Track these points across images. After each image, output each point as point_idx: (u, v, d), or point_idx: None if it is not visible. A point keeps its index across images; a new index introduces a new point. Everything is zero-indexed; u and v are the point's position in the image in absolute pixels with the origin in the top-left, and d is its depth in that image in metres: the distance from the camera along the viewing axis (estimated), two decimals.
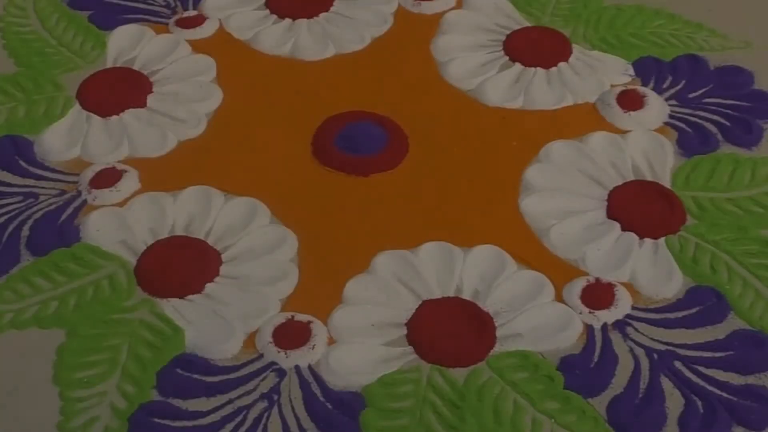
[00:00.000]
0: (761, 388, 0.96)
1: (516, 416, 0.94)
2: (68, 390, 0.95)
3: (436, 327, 1.00)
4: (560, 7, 1.36)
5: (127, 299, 1.03)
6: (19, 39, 1.31)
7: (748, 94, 1.24)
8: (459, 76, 1.27)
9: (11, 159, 1.16)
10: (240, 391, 0.96)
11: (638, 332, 1.01)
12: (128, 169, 1.15)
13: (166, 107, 1.23)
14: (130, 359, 0.98)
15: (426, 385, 0.96)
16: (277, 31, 1.33)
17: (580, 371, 0.97)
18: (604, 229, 1.09)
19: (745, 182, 1.14)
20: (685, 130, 1.20)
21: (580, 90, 1.25)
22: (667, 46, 1.30)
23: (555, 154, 1.17)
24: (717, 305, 1.03)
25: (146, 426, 0.93)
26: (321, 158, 1.17)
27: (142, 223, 1.10)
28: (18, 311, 1.02)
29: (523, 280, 1.05)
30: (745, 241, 1.08)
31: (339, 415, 0.94)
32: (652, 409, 0.94)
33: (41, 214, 1.11)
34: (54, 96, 1.24)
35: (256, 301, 1.02)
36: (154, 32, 1.33)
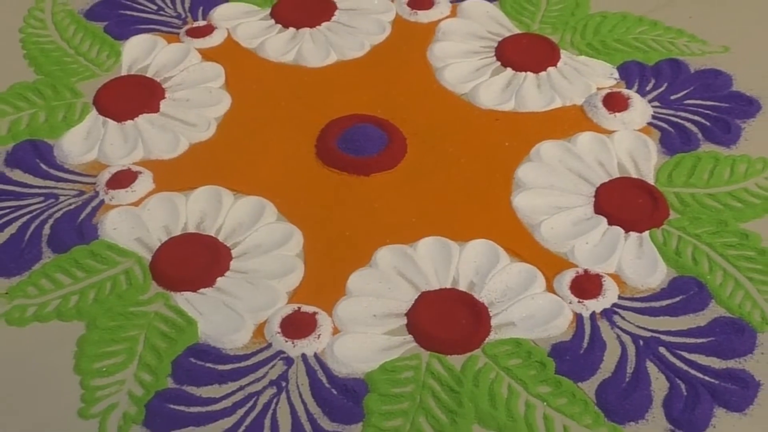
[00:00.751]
0: (741, 372, 0.96)
1: (510, 400, 0.94)
2: (88, 379, 0.96)
3: (434, 317, 1.00)
4: (549, 15, 1.36)
5: (143, 293, 1.03)
6: (38, 49, 1.31)
7: (726, 96, 1.24)
8: (454, 80, 1.27)
9: (32, 162, 1.16)
10: (250, 379, 0.96)
11: (625, 320, 1.01)
12: (143, 170, 1.15)
13: (178, 112, 1.23)
14: (147, 349, 0.98)
15: (425, 371, 0.97)
16: (282, 40, 1.33)
17: (570, 357, 0.98)
18: (592, 224, 1.10)
19: (725, 179, 1.14)
20: (668, 130, 1.20)
21: (568, 93, 1.25)
22: (649, 51, 1.30)
23: (545, 153, 1.17)
24: (699, 294, 1.03)
25: (162, 412, 0.93)
26: (324, 159, 1.17)
27: (156, 221, 1.10)
28: (40, 305, 1.02)
29: (515, 272, 1.05)
30: (725, 234, 1.08)
31: (343, 400, 0.94)
32: (638, 392, 0.95)
33: (61, 213, 1.11)
34: (72, 102, 1.24)
35: (264, 294, 1.03)
36: (166, 41, 1.33)
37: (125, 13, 1.37)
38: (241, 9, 1.38)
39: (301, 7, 1.37)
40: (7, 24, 1.34)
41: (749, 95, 1.24)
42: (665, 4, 1.37)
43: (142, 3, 1.38)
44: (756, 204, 1.11)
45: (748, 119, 1.21)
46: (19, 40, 1.32)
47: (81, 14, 1.37)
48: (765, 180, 1.14)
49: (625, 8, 1.36)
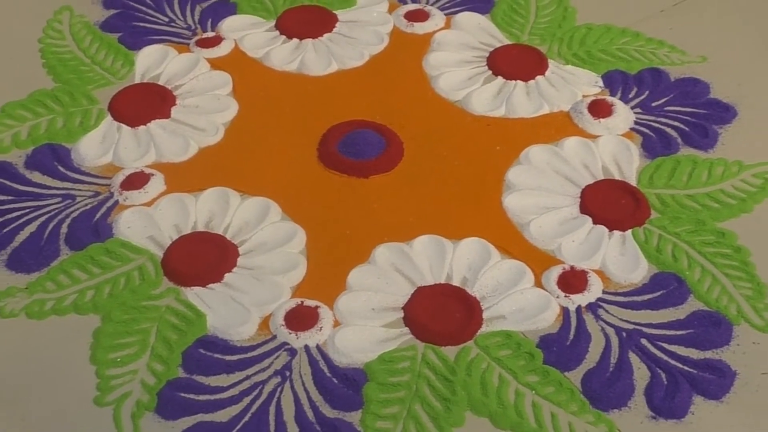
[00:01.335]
0: (718, 362, 0.96)
1: (501, 388, 0.94)
2: (104, 368, 0.96)
3: (429, 310, 1.00)
4: (537, 27, 1.36)
5: (155, 288, 1.03)
6: (56, 58, 1.31)
7: (704, 103, 1.24)
8: (448, 88, 1.27)
9: (51, 165, 1.16)
10: (256, 369, 0.96)
11: (608, 313, 1.01)
12: (155, 172, 1.15)
13: (188, 118, 1.23)
14: (159, 341, 0.98)
15: (421, 361, 0.97)
16: (286, 50, 1.33)
17: (558, 348, 0.98)
18: (578, 223, 1.10)
19: (703, 180, 1.14)
20: (649, 135, 1.20)
21: (555, 100, 1.25)
22: (632, 60, 1.30)
23: (534, 156, 1.17)
24: (678, 289, 1.03)
25: (173, 400, 0.93)
26: (326, 162, 1.17)
27: (167, 220, 1.10)
28: (58, 299, 1.02)
29: (506, 269, 1.05)
30: (703, 233, 1.08)
31: (344, 388, 0.94)
32: (621, 381, 0.95)
33: (78, 213, 1.11)
34: (88, 109, 1.24)
35: (269, 289, 1.03)
36: (176, 51, 1.32)
37: (138, 25, 1.37)
38: (247, 21, 1.38)
39: (304, 19, 1.37)
40: (27, 34, 1.34)
41: (726, 102, 1.24)
42: (647, 17, 1.37)
43: (154, 15, 1.38)
44: (732, 204, 1.11)
45: (724, 125, 1.21)
46: (39, 50, 1.32)
47: (97, 26, 1.36)
48: (740, 182, 1.14)
49: (608, 20, 1.36)
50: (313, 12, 1.38)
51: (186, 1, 1.40)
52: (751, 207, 1.11)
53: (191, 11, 1.39)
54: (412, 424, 0.92)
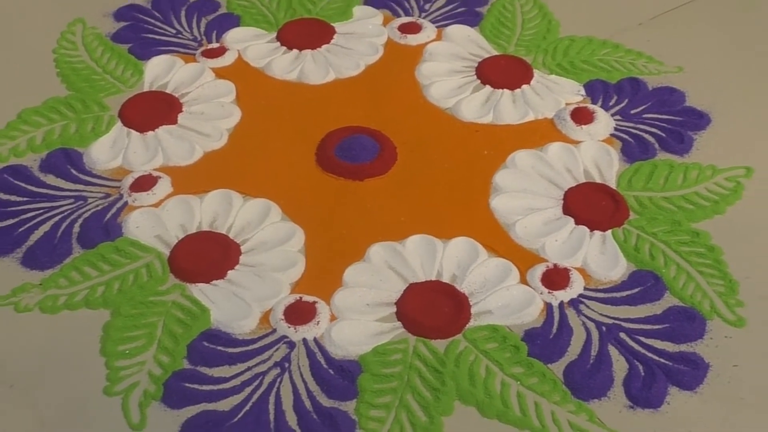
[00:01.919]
0: (692, 354, 0.96)
1: (488, 379, 0.94)
2: (113, 360, 0.96)
3: (420, 306, 1.00)
4: (523, 39, 1.36)
5: (161, 284, 1.03)
6: (70, 68, 1.31)
7: (680, 111, 1.24)
8: (439, 96, 1.27)
9: (64, 168, 1.16)
10: (257, 360, 0.96)
11: (589, 309, 1.01)
12: (162, 175, 1.15)
13: (194, 124, 1.23)
14: (165, 334, 0.98)
15: (412, 354, 0.97)
16: (286, 60, 1.33)
17: (541, 341, 0.98)
18: (561, 224, 1.10)
19: (678, 183, 1.14)
20: (628, 141, 1.20)
21: (540, 107, 1.25)
22: (612, 70, 1.30)
23: (519, 161, 1.17)
24: (655, 286, 1.03)
25: (179, 390, 0.93)
26: (323, 166, 1.17)
27: (174, 220, 1.10)
28: (70, 295, 1.02)
29: (493, 266, 1.05)
30: (679, 233, 1.08)
31: (340, 379, 0.94)
32: (601, 373, 0.95)
33: (89, 213, 1.10)
34: (99, 115, 1.24)
35: (269, 285, 1.03)
36: (183, 61, 1.32)
37: (147, 36, 1.36)
38: (250, 33, 1.37)
39: (303, 31, 1.37)
40: (41, 45, 1.34)
41: (700, 110, 1.24)
42: (626, 29, 1.37)
43: (162, 27, 1.38)
44: (706, 206, 1.11)
45: (699, 131, 1.21)
46: (53, 59, 1.32)
47: (108, 37, 1.36)
48: (714, 185, 1.14)
49: (590, 33, 1.36)
50: (312, 24, 1.38)
51: (192, 14, 1.40)
52: (724, 209, 1.11)
53: (197, 23, 1.39)
54: (403, 413, 0.91)
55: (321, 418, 0.91)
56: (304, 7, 1.41)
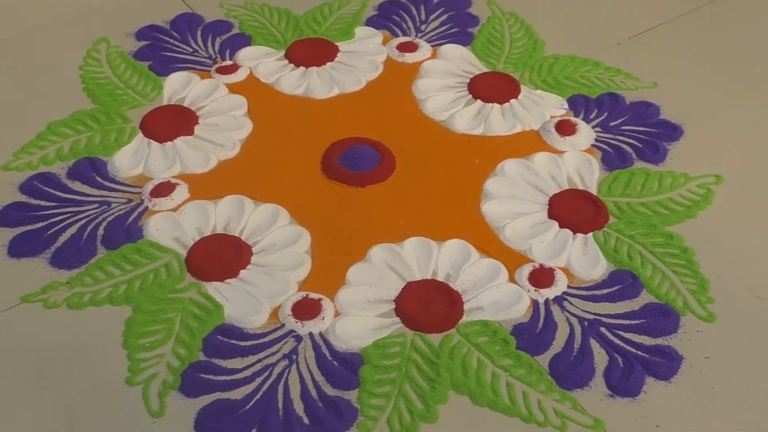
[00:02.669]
0: (667, 348, 0.96)
1: (479, 370, 0.94)
2: (134, 353, 0.95)
3: (417, 302, 1.00)
4: (511, 57, 1.36)
5: (179, 282, 1.03)
6: (95, 83, 1.30)
7: (655, 123, 1.24)
8: (434, 109, 1.27)
9: (89, 175, 1.16)
10: (267, 353, 0.96)
11: (573, 305, 1.01)
12: (180, 182, 1.15)
13: (209, 135, 1.22)
14: (182, 329, 0.98)
15: (410, 347, 0.96)
16: (294, 77, 1.33)
17: (528, 335, 0.97)
18: (546, 227, 1.09)
19: (654, 190, 1.14)
20: (608, 151, 1.20)
21: (527, 120, 1.24)
22: (593, 86, 1.30)
23: (508, 169, 1.17)
24: (633, 284, 1.03)
25: (195, 380, 0.93)
26: (328, 173, 1.17)
27: (190, 223, 1.09)
28: (95, 292, 1.02)
29: (484, 266, 1.05)
30: (654, 235, 1.08)
31: (343, 370, 0.94)
32: (583, 364, 0.95)
33: (113, 217, 1.10)
34: (122, 127, 1.23)
35: (278, 283, 1.02)
36: (199, 77, 1.32)
37: (166, 54, 1.36)
38: (261, 51, 1.37)
39: (309, 50, 1.37)
40: (69, 62, 1.34)
41: (674, 122, 1.24)
42: (605, 48, 1.37)
43: (180, 46, 1.38)
44: (679, 211, 1.11)
45: (673, 142, 1.21)
46: (80, 75, 1.32)
47: (130, 55, 1.36)
48: (687, 191, 1.14)
49: (573, 51, 1.36)
50: (317, 43, 1.38)
51: (207, 34, 1.40)
52: (696, 213, 1.11)
53: (212, 42, 1.39)
54: (401, 401, 0.91)
55: (326, 406, 0.91)
56: (310, 27, 1.41)
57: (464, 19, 1.43)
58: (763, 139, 1.22)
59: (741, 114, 1.26)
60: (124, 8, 1.44)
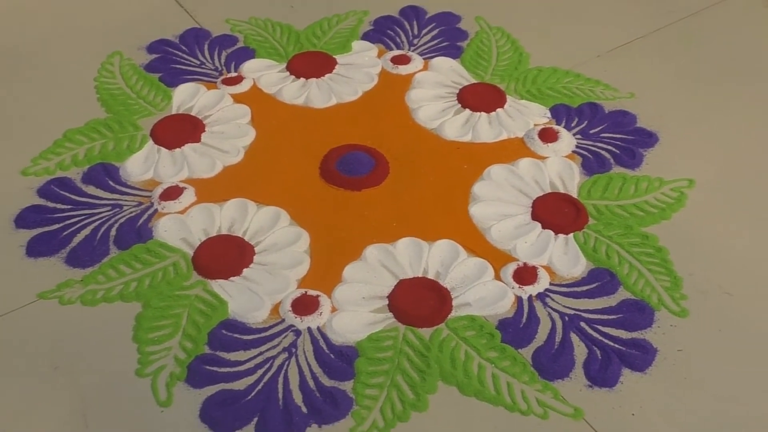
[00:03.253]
0: (642, 341, 0.96)
1: (467, 362, 0.94)
2: (144, 346, 0.95)
3: (409, 299, 1.00)
4: (498, 69, 1.36)
5: (186, 280, 1.02)
6: (108, 93, 1.30)
7: (632, 131, 1.24)
8: (425, 118, 1.26)
9: (103, 180, 1.15)
10: (268, 346, 0.95)
11: (554, 301, 1.01)
12: (187, 186, 1.14)
13: (215, 142, 1.22)
14: (189, 323, 0.97)
15: (402, 340, 0.96)
16: (295, 87, 1.32)
17: (513, 329, 0.97)
18: (530, 228, 1.09)
19: (630, 193, 1.14)
20: (588, 156, 1.19)
21: (512, 128, 1.24)
22: (574, 96, 1.30)
23: (494, 174, 1.17)
24: (610, 282, 1.02)
25: (200, 371, 0.92)
26: (326, 178, 1.16)
27: (197, 225, 1.09)
28: (107, 290, 1.01)
29: (471, 265, 1.04)
30: (631, 236, 1.08)
31: (339, 362, 0.94)
32: (564, 357, 0.94)
33: (124, 219, 1.10)
34: (134, 134, 1.23)
35: (279, 281, 1.02)
36: (206, 88, 1.31)
37: (175, 67, 1.36)
38: (264, 64, 1.37)
39: (309, 63, 1.36)
40: (84, 74, 1.33)
41: (649, 130, 1.24)
42: (586, 61, 1.36)
43: (188, 59, 1.37)
44: (654, 213, 1.11)
45: (648, 148, 1.21)
46: (94, 86, 1.31)
47: (141, 67, 1.35)
48: (661, 195, 1.14)
49: (555, 64, 1.36)
50: (317, 56, 1.38)
51: (214, 48, 1.40)
52: (670, 215, 1.11)
53: (218, 55, 1.38)
54: (394, 391, 0.91)
55: (323, 396, 0.91)
56: (309, 41, 1.41)
57: (454, 33, 1.43)
58: (733, 146, 1.22)
59: (713, 122, 1.26)
60: (136, 23, 1.43)
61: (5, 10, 1.46)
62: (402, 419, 0.89)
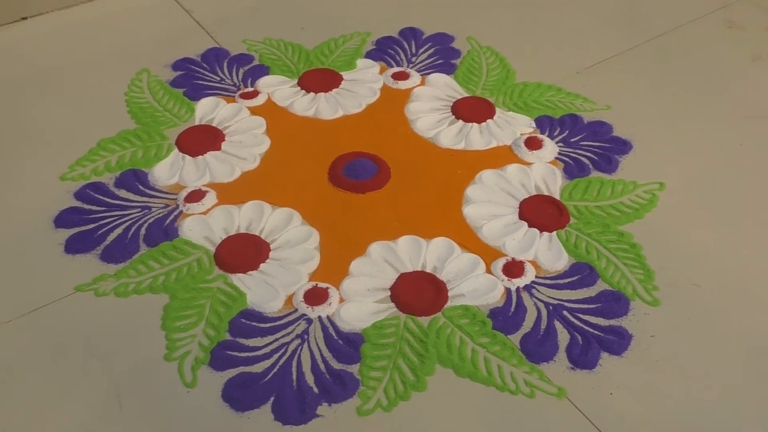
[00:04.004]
0: (619, 328, 0.96)
1: (461, 347, 0.94)
2: (171, 333, 0.95)
3: (409, 290, 1.00)
4: (488, 84, 1.36)
5: (209, 274, 1.02)
6: (138, 107, 1.30)
7: (609, 139, 1.24)
8: (423, 128, 1.26)
9: (133, 184, 1.15)
10: (282, 333, 0.96)
11: (540, 292, 1.01)
12: (209, 190, 1.14)
13: (234, 150, 1.22)
14: (211, 313, 0.97)
15: (403, 327, 0.96)
16: (305, 101, 1.32)
17: (502, 318, 0.97)
18: (517, 227, 1.09)
19: (607, 196, 1.14)
20: (569, 162, 1.20)
21: (501, 137, 1.24)
22: (556, 108, 1.30)
23: (485, 178, 1.17)
24: (590, 275, 1.03)
25: (222, 356, 0.93)
26: (333, 182, 1.16)
27: (218, 224, 1.09)
28: (138, 283, 1.01)
29: (465, 260, 1.04)
30: (608, 233, 1.08)
31: (347, 347, 0.94)
32: (549, 342, 0.95)
33: (153, 219, 1.10)
34: (161, 143, 1.23)
35: (292, 275, 1.02)
36: (225, 102, 1.32)
37: (198, 82, 1.36)
38: (277, 80, 1.37)
39: (318, 78, 1.36)
40: (116, 90, 1.33)
41: (624, 138, 1.24)
42: (567, 77, 1.37)
43: (209, 75, 1.37)
44: (629, 213, 1.11)
45: (623, 155, 1.21)
46: (125, 100, 1.31)
47: (167, 83, 1.36)
48: (635, 196, 1.14)
49: (539, 79, 1.36)
50: (325, 73, 1.38)
51: (232, 65, 1.40)
52: (643, 215, 1.11)
53: (236, 72, 1.38)
54: (396, 374, 0.91)
55: (332, 377, 0.91)
56: (318, 59, 1.41)
57: (448, 52, 1.43)
58: (699, 152, 1.22)
59: (681, 131, 1.26)
60: (162, 44, 1.43)
61: (47, 34, 1.46)
62: (403, 398, 0.89)
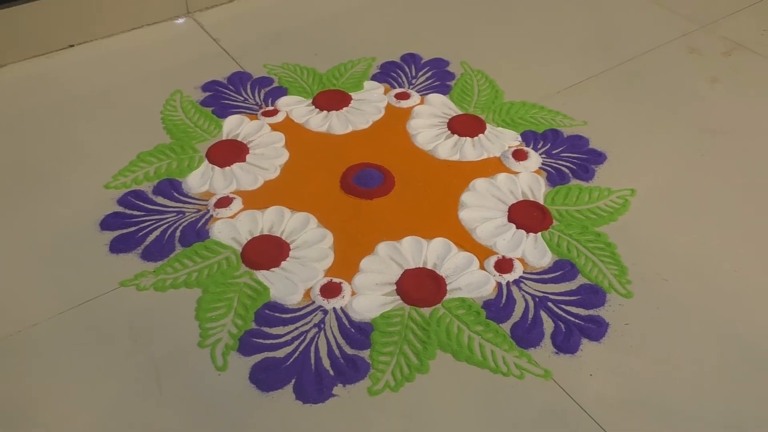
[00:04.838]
0: (597, 317, 0.97)
1: (459, 334, 0.94)
2: (203, 323, 0.96)
3: (412, 284, 1.00)
4: (479, 103, 1.36)
5: (236, 271, 1.03)
6: (172, 124, 1.30)
7: (586, 151, 1.24)
8: (423, 142, 1.27)
9: (169, 192, 1.16)
10: (302, 323, 0.96)
11: (527, 286, 1.01)
12: (236, 197, 1.15)
13: (257, 161, 1.22)
14: (239, 305, 0.98)
15: (407, 317, 0.97)
16: (319, 118, 1.32)
17: (495, 308, 0.98)
18: (506, 228, 1.10)
19: (586, 201, 1.14)
20: (551, 171, 1.20)
21: (491, 149, 1.24)
22: (539, 124, 1.30)
23: (478, 186, 1.17)
24: (571, 270, 1.03)
25: (249, 343, 0.93)
26: (345, 189, 1.17)
27: (244, 227, 1.09)
28: (174, 279, 1.01)
29: (461, 258, 1.05)
30: (586, 234, 1.08)
31: (358, 335, 0.94)
32: (535, 330, 0.95)
33: (187, 223, 1.10)
34: (193, 156, 1.23)
35: (310, 271, 1.02)
36: (249, 119, 1.32)
37: (224, 102, 1.36)
38: (294, 99, 1.37)
39: (330, 99, 1.36)
40: (152, 109, 1.33)
41: (599, 150, 1.24)
42: (549, 96, 1.37)
43: (234, 96, 1.38)
44: (605, 216, 1.11)
45: (599, 165, 1.22)
46: (161, 118, 1.32)
47: (198, 102, 1.36)
48: (610, 201, 1.14)
49: (524, 98, 1.36)
50: (336, 93, 1.38)
51: (255, 87, 1.40)
52: (617, 218, 1.11)
53: (258, 93, 1.39)
54: (402, 358, 0.92)
55: (346, 362, 0.91)
56: (330, 82, 1.41)
57: (444, 75, 1.43)
58: (666, 162, 1.22)
59: (650, 143, 1.26)
60: (193, 68, 1.44)
61: (92, 60, 1.46)
62: (409, 380, 0.90)
